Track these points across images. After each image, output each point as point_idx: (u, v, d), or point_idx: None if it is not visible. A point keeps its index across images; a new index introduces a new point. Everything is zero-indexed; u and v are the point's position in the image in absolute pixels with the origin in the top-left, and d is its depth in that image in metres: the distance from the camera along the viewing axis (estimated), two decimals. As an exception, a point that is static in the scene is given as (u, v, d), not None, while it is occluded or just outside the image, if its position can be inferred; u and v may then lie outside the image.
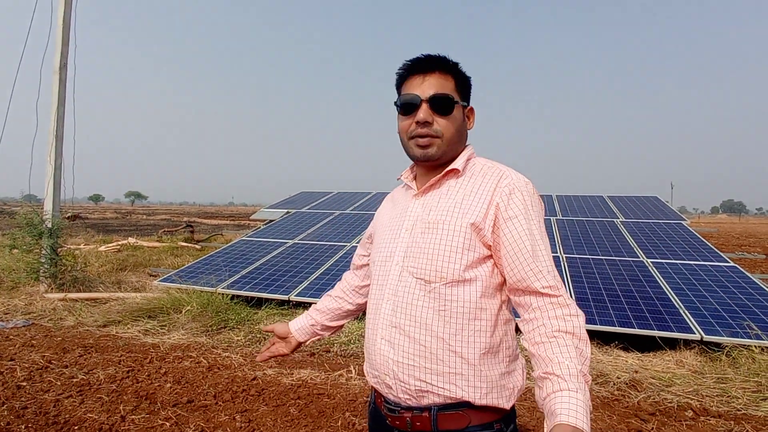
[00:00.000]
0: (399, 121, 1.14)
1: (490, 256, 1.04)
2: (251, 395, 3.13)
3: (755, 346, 3.66)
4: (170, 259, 8.61)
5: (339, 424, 2.76)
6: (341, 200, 9.91)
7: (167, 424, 2.68)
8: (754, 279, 4.92)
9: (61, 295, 5.42)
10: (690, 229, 6.84)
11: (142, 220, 28.20)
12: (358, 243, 6.96)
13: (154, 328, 4.51)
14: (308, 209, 9.12)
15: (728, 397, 3.15)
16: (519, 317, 1.04)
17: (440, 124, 1.07)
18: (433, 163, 1.12)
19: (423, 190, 1.14)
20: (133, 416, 2.76)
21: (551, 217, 7.93)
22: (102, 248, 9.68)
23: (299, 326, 1.40)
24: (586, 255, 6.04)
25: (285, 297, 5.07)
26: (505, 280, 1.04)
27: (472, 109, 1.17)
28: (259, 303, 5.30)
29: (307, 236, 7.29)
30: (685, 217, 7.58)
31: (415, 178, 1.21)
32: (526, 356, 2.88)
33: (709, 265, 5.39)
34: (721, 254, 5.75)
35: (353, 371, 3.56)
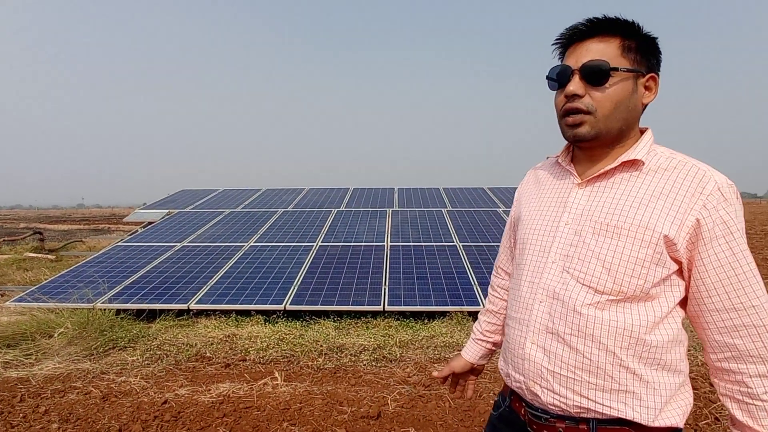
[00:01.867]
0: (555, 98, 1.00)
1: (679, 271, 0.90)
2: (167, 421, 2.74)
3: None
4: (18, 274, 7.14)
5: (278, 436, 2.57)
6: (229, 198, 9.25)
7: (67, 472, 2.22)
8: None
9: None
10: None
11: (-40, 228, 22.93)
12: (256, 242, 6.60)
13: (17, 358, 3.70)
14: (193, 209, 8.33)
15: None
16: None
17: (594, 97, 0.90)
18: (590, 145, 0.96)
19: (590, 179, 0.97)
20: (16, 470, 2.22)
21: (442, 209, 8.40)
22: None
23: (478, 354, 1.30)
24: (479, 242, 6.51)
25: (184, 306, 4.56)
26: (686, 295, 0.92)
27: (653, 78, 0.94)
28: (151, 315, 4.68)
29: (198, 238, 6.65)
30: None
31: (572, 160, 1.05)
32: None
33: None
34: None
35: (279, 377, 3.33)
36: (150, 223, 7.63)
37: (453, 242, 6.51)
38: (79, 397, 3.06)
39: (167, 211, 8.17)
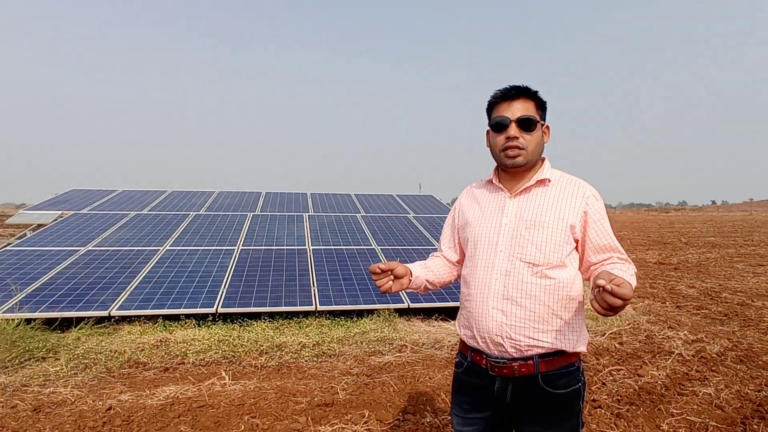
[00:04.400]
0: (491, 138, 1.44)
1: (576, 246, 1.39)
2: (118, 426, 2.71)
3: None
4: None
5: (243, 428, 2.70)
6: (131, 199, 8.64)
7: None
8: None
9: None
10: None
11: None
12: (173, 246, 6.36)
13: None
14: (92, 210, 7.65)
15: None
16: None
17: (526, 139, 1.36)
18: (519, 170, 1.41)
19: (517, 192, 1.42)
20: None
21: (357, 214, 8.79)
22: None
23: (417, 273, 1.54)
24: (395, 246, 7.01)
25: (104, 312, 4.32)
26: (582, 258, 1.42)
27: (548, 127, 1.46)
28: (65, 324, 4.35)
29: (104, 241, 6.20)
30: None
31: (499, 181, 1.49)
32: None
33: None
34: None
35: (226, 377, 3.41)
36: (41, 225, 6.87)
37: (371, 245, 6.92)
38: (5, 411, 2.86)
39: (60, 212, 7.41)
